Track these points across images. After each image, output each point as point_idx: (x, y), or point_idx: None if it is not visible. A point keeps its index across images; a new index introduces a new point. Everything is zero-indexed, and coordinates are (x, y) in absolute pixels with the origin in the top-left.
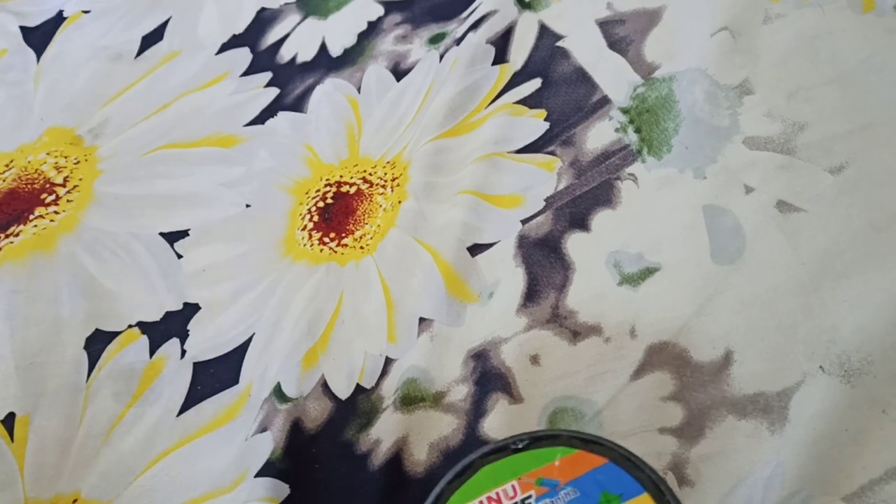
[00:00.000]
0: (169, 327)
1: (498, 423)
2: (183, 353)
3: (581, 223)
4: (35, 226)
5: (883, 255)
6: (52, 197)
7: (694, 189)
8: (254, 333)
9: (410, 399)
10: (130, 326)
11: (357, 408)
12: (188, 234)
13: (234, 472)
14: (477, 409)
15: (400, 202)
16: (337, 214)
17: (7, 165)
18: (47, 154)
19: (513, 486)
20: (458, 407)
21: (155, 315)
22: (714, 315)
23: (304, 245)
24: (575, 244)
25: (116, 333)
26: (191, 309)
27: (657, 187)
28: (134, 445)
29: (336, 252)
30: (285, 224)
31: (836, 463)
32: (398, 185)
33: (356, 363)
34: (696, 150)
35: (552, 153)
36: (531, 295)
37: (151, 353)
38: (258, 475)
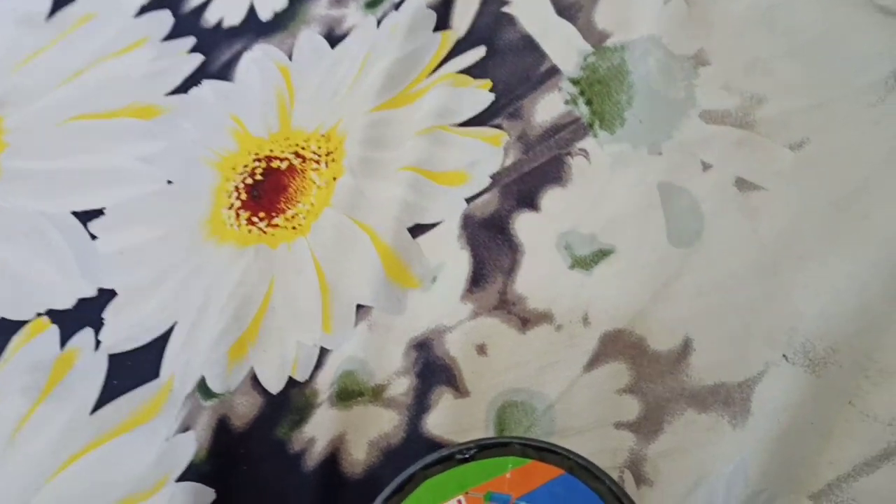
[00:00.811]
0: (82, 316)
1: (442, 418)
2: (97, 343)
3: (530, 202)
4: None
5: (844, 235)
6: None
7: (649, 166)
8: (175, 322)
9: (348, 393)
10: (39, 315)
11: (289, 403)
12: (103, 214)
13: (153, 475)
14: (420, 404)
15: (335, 178)
16: (267, 192)
17: None
18: None
19: (458, 502)
20: (399, 402)
21: (66, 302)
22: (671, 301)
23: (231, 225)
24: (523, 225)
25: (23, 323)
26: (106, 295)
27: (610, 164)
28: (43, 447)
29: (266, 233)
30: (210, 202)
31: (801, 458)
32: (333, 160)
33: (288, 354)
34: (651, 124)
35: (498, 126)
36: (477, 279)
37: (62, 344)
38: (180, 479)
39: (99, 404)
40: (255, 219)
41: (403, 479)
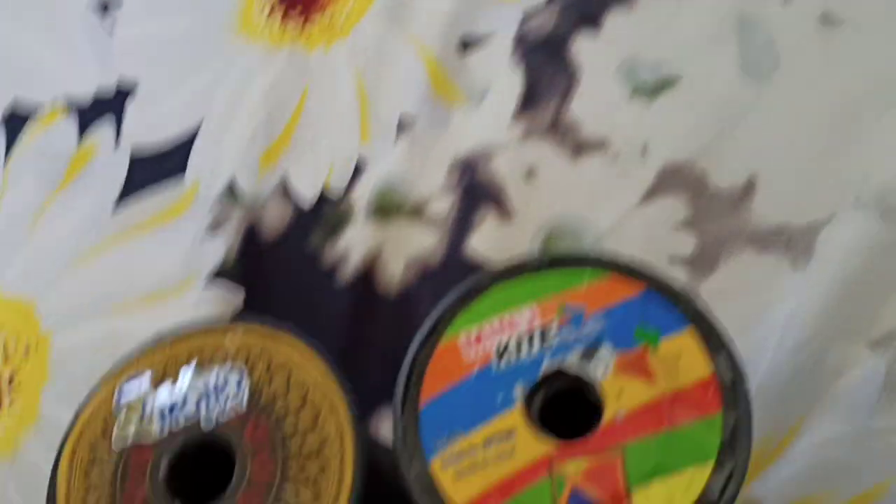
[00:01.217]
0: (101, 107)
1: (485, 240)
2: (118, 138)
3: (591, 22)
4: None
5: None
6: None
7: None
8: (202, 122)
9: (385, 208)
10: (55, 100)
11: (322, 214)
12: (121, 5)
13: (181, 273)
14: (462, 224)
15: None
16: None
17: None
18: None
19: (531, 311)
20: (439, 220)
21: (85, 90)
22: (738, 137)
23: (263, 24)
24: (583, 46)
25: (39, 106)
26: (127, 88)
27: None
28: (63, 237)
29: (301, 34)
30: None
31: (862, 306)
32: None
33: (322, 164)
34: None
35: None
36: (529, 101)
37: (81, 135)
38: (208, 280)
39: (120, 201)
40: (289, 16)
41: (472, 283)
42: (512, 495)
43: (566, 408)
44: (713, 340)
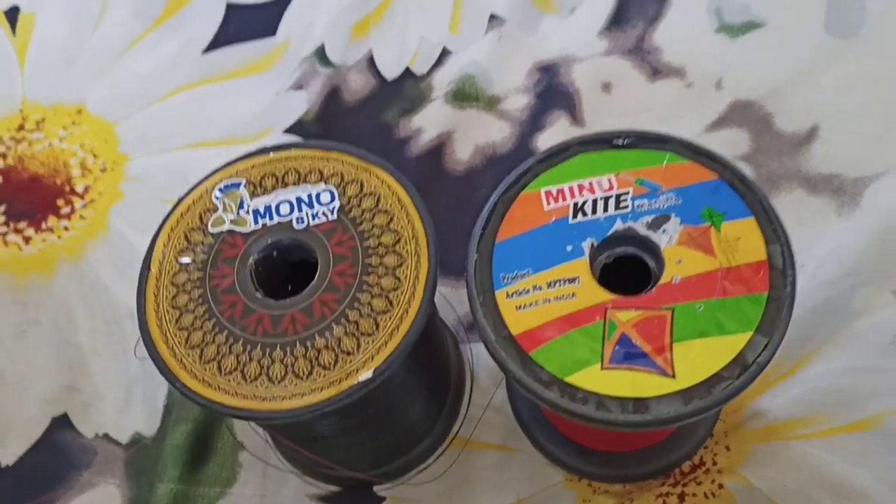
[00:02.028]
0: None
1: (554, 140)
2: None
3: None
4: None
5: None
6: None
7: None
8: None
9: (464, 95)
10: None
11: (403, 91)
12: None
13: (259, 123)
14: (534, 122)
15: None
16: None
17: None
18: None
19: (609, 180)
20: (513, 116)
21: None
22: (811, 86)
23: None
24: None
25: None
26: None
27: None
28: (150, 71)
29: None
30: None
31: (894, 258)
32: None
33: (410, 45)
34: None
35: None
36: (617, 19)
37: None
38: (287, 131)
39: (212, 46)
40: None
41: (560, 146)
42: (566, 331)
43: (627, 267)
44: (772, 231)
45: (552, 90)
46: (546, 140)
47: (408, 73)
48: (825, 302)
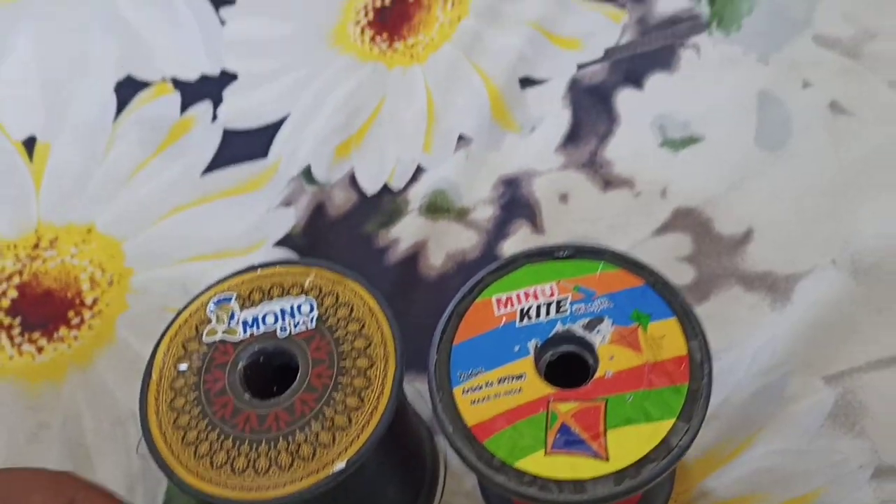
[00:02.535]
0: (203, 90)
1: (517, 247)
2: (214, 116)
3: (635, 80)
4: None
5: None
6: None
7: (754, 72)
8: (289, 114)
9: (436, 208)
10: (164, 80)
11: (381, 205)
12: (234, 2)
13: (251, 237)
14: (499, 231)
15: (460, 19)
16: (393, 17)
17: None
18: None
19: (551, 287)
20: (480, 225)
21: (191, 75)
22: (745, 194)
23: (355, 39)
24: (625, 99)
25: (148, 84)
26: (228, 77)
27: (719, 62)
28: (154, 193)
29: (385, 54)
30: (338, 14)
31: (824, 347)
32: (460, 2)
33: (387, 164)
34: (765, 35)
35: (622, 5)
36: (573, 137)
37: (183, 109)
38: (277, 245)
39: (209, 169)
40: (377, 39)
41: (508, 259)
42: (514, 422)
43: (570, 362)
44: (691, 329)
45: (515, 201)
46: (510, 246)
47: (386, 188)
48: (762, 389)
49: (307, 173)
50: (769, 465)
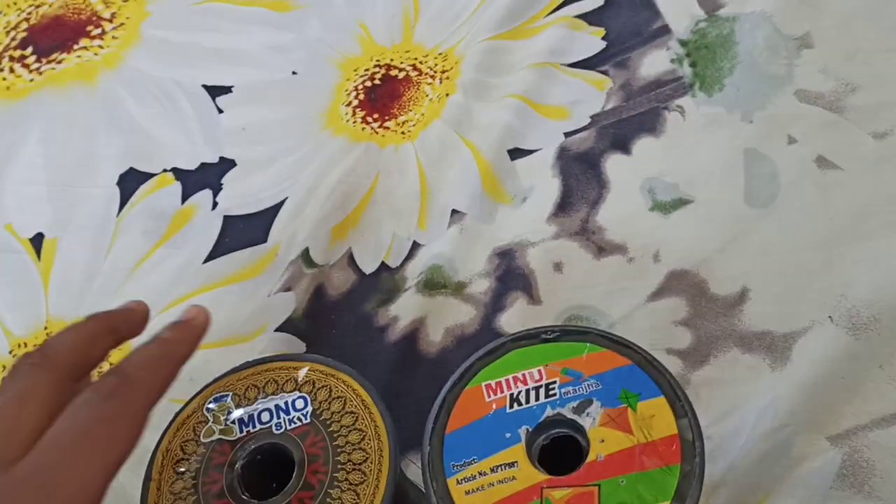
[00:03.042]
0: (203, 178)
1: (514, 320)
2: (215, 204)
3: (623, 145)
4: (79, 56)
5: None
6: (98, 30)
7: (739, 131)
8: (286, 198)
9: (433, 284)
10: (165, 171)
11: (379, 284)
12: (231, 91)
13: (254, 323)
14: (496, 304)
15: (448, 95)
16: (382, 97)
17: None
18: None
19: (539, 371)
20: (477, 299)
21: (191, 164)
22: (737, 253)
23: (347, 121)
24: (613, 164)
25: (151, 175)
26: (227, 164)
27: (703, 123)
28: (158, 283)
29: (377, 133)
30: (330, 97)
31: (827, 406)
32: (448, 78)
33: (384, 242)
34: (748, 93)
35: (605, 73)
36: (564, 206)
37: (184, 199)
38: (278, 329)
39: (211, 256)
40: (369, 119)
41: (496, 345)
42: None
43: (564, 444)
44: (680, 407)
45: (510, 273)
46: (508, 318)
47: (383, 266)
48: (768, 452)
49: (306, 256)
50: None
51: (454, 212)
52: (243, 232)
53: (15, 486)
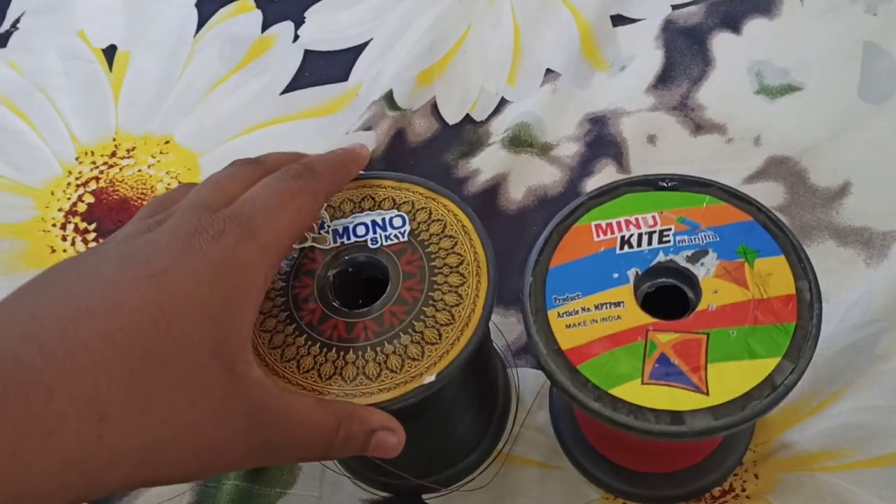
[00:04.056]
0: (285, 9)
1: (601, 185)
2: (296, 37)
3: (733, 24)
4: None
5: None
6: None
7: (861, 22)
8: (371, 39)
9: (519, 141)
10: None
11: (462, 135)
12: None
13: None
14: (583, 168)
15: None
16: None
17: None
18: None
19: (653, 217)
20: (564, 162)
21: None
22: (844, 146)
23: None
24: (721, 42)
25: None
26: None
27: (823, 10)
28: (232, 109)
29: None
30: None
31: None
32: None
33: (471, 94)
34: None
35: None
36: (664, 78)
37: (264, 28)
38: None
39: (289, 89)
40: None
41: (608, 186)
42: (611, 349)
43: (667, 296)
44: (801, 269)
45: (601, 140)
46: (594, 184)
47: (468, 118)
48: (852, 345)
49: (389, 98)
50: (856, 420)
51: (548, 71)
52: (324, 68)
53: (222, 222)
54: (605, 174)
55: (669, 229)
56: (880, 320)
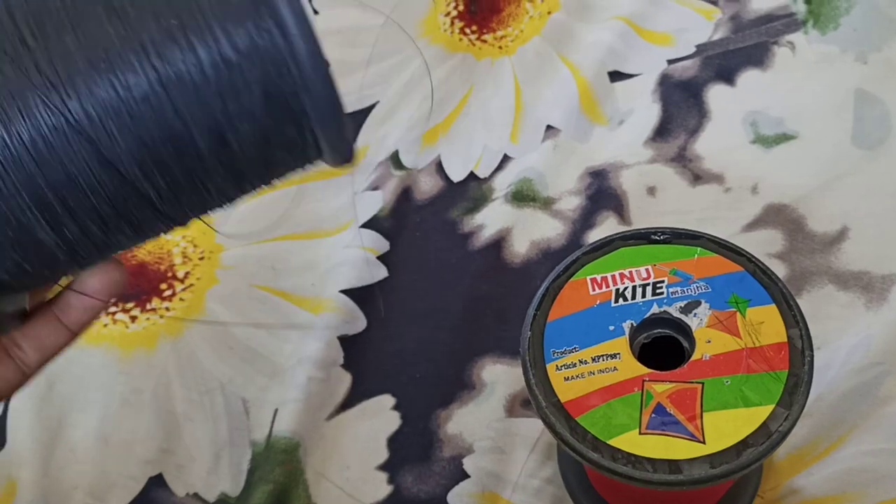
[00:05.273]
0: None
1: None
2: None
3: (727, 77)
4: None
5: None
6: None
7: (851, 71)
8: (378, 101)
9: (522, 196)
10: None
11: (467, 192)
12: None
13: (339, 219)
14: (585, 221)
15: (550, 13)
16: (483, 9)
17: None
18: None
19: (647, 269)
20: (566, 215)
21: None
22: (840, 192)
23: (445, 30)
24: (716, 95)
25: None
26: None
27: (815, 61)
28: None
29: (474, 45)
30: (429, 5)
31: None
32: None
33: (474, 152)
34: (864, 34)
35: (715, 3)
36: (662, 131)
37: None
38: (363, 226)
39: None
40: (467, 30)
41: (602, 241)
42: (608, 400)
43: (662, 346)
44: (791, 317)
45: (601, 193)
46: (596, 236)
47: (472, 176)
48: (855, 388)
49: (395, 158)
50: (862, 465)
51: (548, 127)
52: None
53: None
54: (606, 226)
55: (663, 281)
56: (882, 363)
